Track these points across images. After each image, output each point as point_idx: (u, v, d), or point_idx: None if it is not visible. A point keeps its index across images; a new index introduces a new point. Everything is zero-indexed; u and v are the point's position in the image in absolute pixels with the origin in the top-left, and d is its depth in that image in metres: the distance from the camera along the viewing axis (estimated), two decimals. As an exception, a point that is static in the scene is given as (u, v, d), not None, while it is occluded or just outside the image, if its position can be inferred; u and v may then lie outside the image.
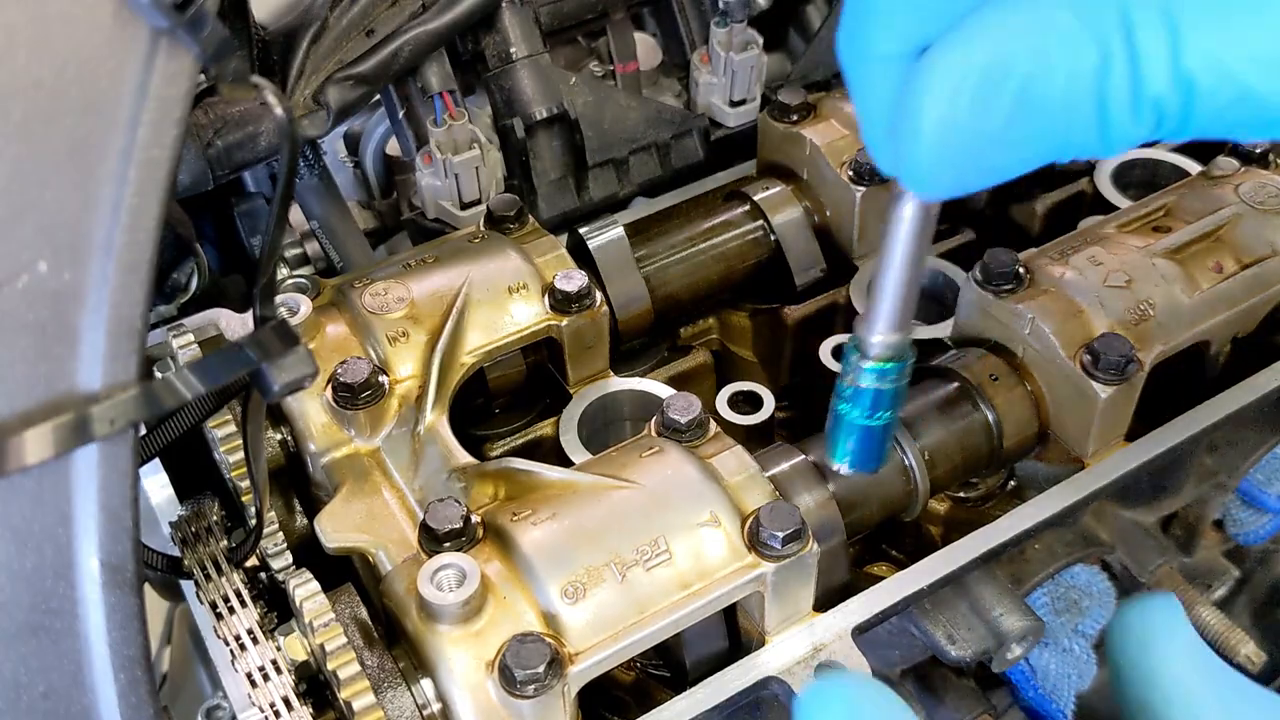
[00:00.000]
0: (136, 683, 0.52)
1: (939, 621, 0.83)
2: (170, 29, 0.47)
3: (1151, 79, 0.42)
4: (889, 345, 0.57)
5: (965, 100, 0.44)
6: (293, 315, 0.88)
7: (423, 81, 1.12)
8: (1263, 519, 1.06)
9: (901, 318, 0.56)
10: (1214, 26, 0.41)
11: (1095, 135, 0.44)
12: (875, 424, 0.58)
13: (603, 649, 0.68)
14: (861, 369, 0.57)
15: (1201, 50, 0.41)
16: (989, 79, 0.44)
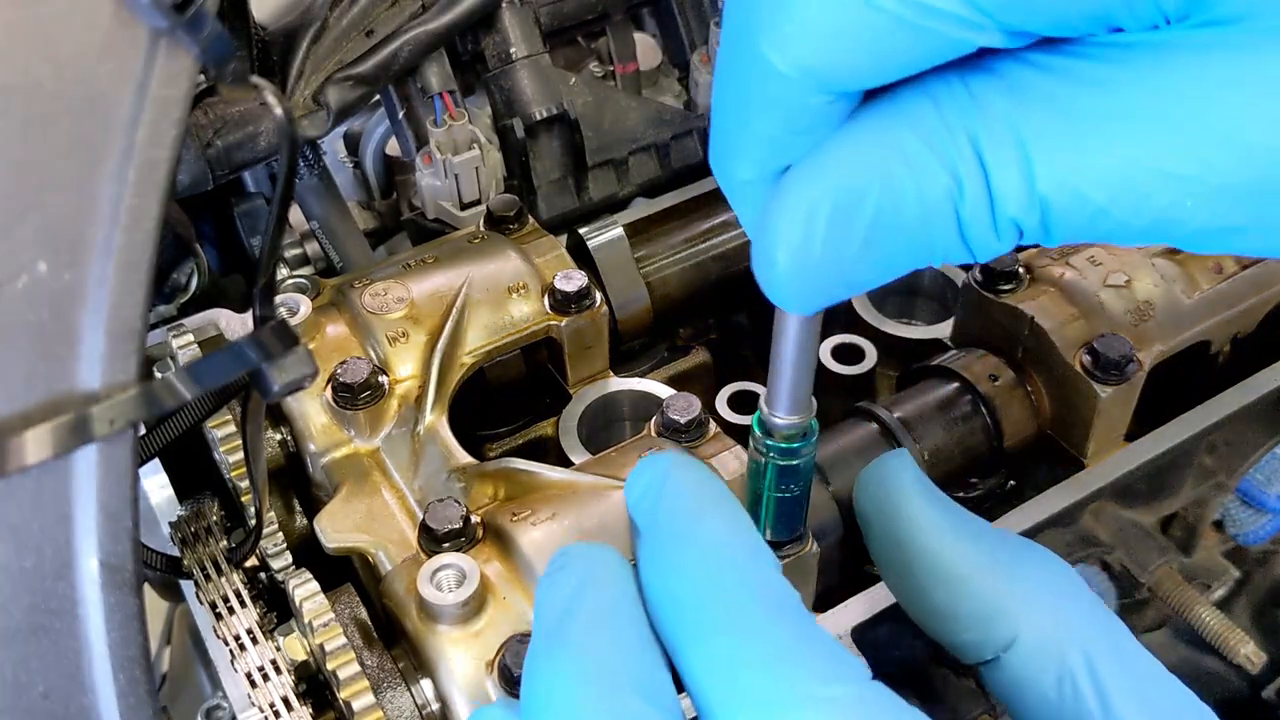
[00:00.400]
0: (136, 683, 0.52)
1: (939, 621, 0.83)
2: (170, 29, 0.47)
3: (1006, 202, 0.42)
4: (792, 425, 0.59)
5: (819, 229, 0.44)
6: (292, 315, 0.88)
7: (423, 82, 1.12)
8: (1262, 519, 1.06)
9: (801, 400, 0.58)
10: (1065, 151, 0.41)
11: (958, 249, 0.45)
12: (788, 495, 0.60)
13: (602, 649, 0.68)
14: (768, 445, 0.59)
15: (1053, 176, 0.41)
16: (841, 208, 0.44)
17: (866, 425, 0.89)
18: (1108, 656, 0.55)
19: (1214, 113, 0.39)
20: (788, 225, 0.45)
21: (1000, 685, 0.58)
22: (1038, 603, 0.57)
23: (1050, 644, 0.56)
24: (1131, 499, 0.97)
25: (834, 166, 0.44)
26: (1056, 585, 0.58)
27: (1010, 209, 0.42)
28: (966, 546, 0.59)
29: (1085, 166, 0.41)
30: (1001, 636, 0.57)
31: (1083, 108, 0.41)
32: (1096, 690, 0.54)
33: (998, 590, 0.58)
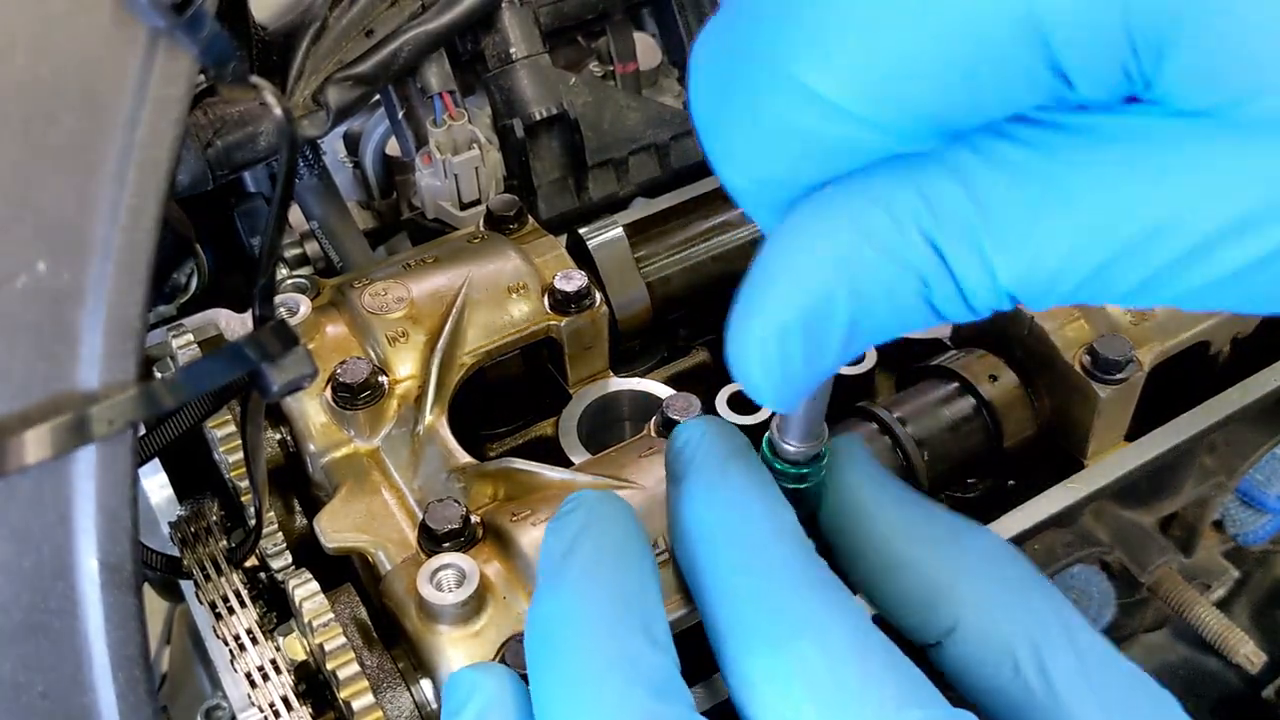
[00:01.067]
0: (135, 682, 0.52)
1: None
2: (168, 29, 0.48)
3: (976, 295, 0.43)
4: (802, 452, 0.59)
5: (795, 349, 0.45)
6: (292, 315, 0.88)
7: (422, 82, 1.12)
8: (1262, 519, 1.06)
9: (814, 429, 0.59)
10: (1016, 246, 0.42)
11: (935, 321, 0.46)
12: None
13: (602, 649, 0.68)
14: (777, 469, 0.59)
15: (1012, 272, 0.42)
16: (812, 325, 0.45)
17: (866, 425, 0.89)
18: (1052, 638, 0.55)
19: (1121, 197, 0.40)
20: (759, 353, 0.46)
21: (949, 669, 0.59)
22: (978, 588, 0.58)
23: (991, 629, 0.56)
24: (1131, 499, 0.97)
25: (795, 285, 0.45)
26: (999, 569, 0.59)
27: (982, 300, 0.44)
28: (909, 533, 0.60)
29: (1037, 259, 0.42)
30: (942, 621, 0.58)
31: (1024, 198, 0.42)
32: (1040, 671, 0.54)
33: (938, 577, 0.58)
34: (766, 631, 0.51)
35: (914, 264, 0.43)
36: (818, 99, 0.40)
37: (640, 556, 0.56)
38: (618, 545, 0.55)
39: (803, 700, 0.49)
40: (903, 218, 0.43)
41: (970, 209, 0.42)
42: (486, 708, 0.54)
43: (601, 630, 0.51)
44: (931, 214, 0.43)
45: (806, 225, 0.45)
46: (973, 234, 0.42)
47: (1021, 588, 0.58)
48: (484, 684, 0.55)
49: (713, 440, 0.60)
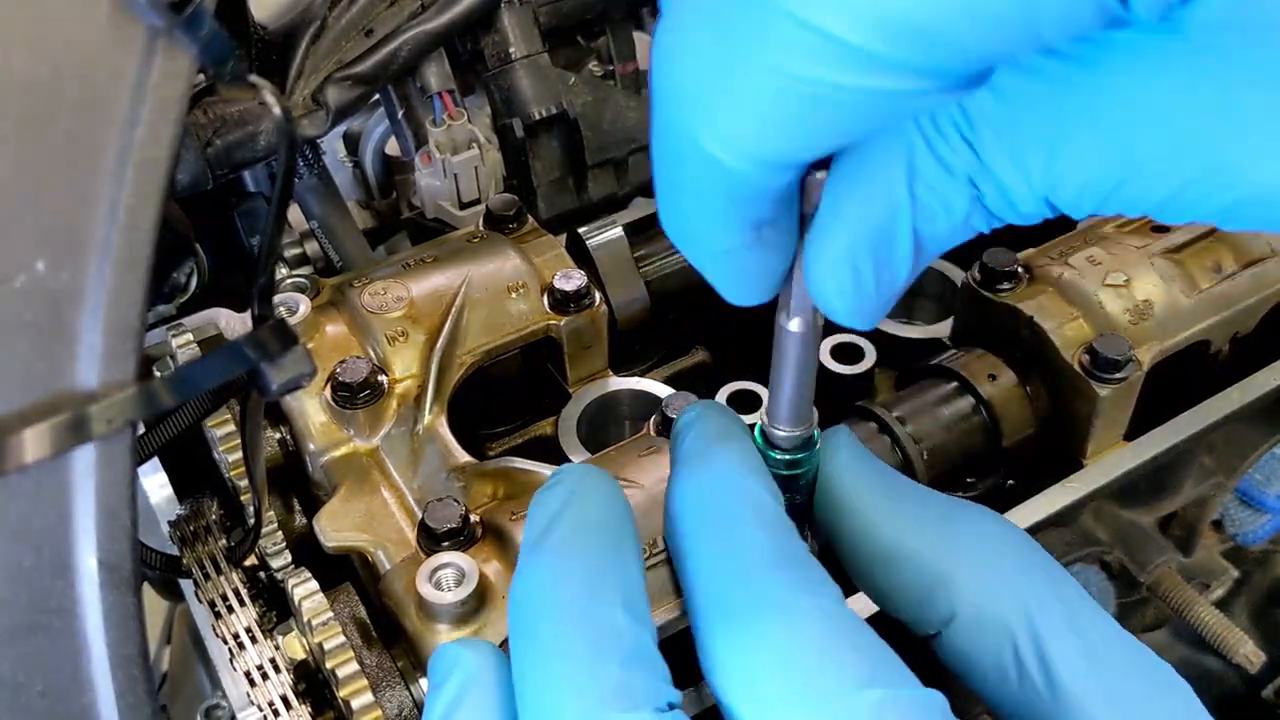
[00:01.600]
0: (135, 682, 0.52)
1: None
2: (167, 28, 0.48)
3: (1019, 198, 0.43)
4: (793, 436, 0.59)
5: (867, 270, 0.46)
6: (292, 315, 0.88)
7: (422, 81, 1.12)
8: (1262, 519, 1.06)
9: (803, 412, 0.59)
10: (1046, 154, 0.42)
11: (997, 224, 0.46)
12: (791, 504, 0.61)
13: (601, 648, 0.68)
14: (770, 457, 0.59)
15: (1045, 179, 0.42)
16: (880, 243, 0.45)
17: (866, 424, 0.89)
18: (1052, 620, 0.54)
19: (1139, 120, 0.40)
20: (833, 275, 0.46)
21: (950, 659, 0.58)
22: (974, 575, 0.57)
23: (988, 615, 0.56)
24: (1131, 499, 0.97)
25: (859, 205, 0.45)
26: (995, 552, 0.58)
27: (1025, 203, 0.44)
28: (900, 523, 0.59)
29: (1067, 168, 0.42)
30: (940, 611, 0.57)
31: (1054, 107, 0.41)
32: (1040, 659, 0.54)
33: (932, 566, 0.57)
34: (732, 608, 0.50)
35: (961, 169, 0.43)
36: (831, 41, 0.36)
37: (620, 527, 0.56)
38: (599, 517, 0.55)
39: (763, 676, 0.48)
40: (945, 125, 0.42)
41: (1004, 115, 0.42)
42: (468, 681, 0.54)
43: (576, 601, 0.51)
44: (969, 121, 0.42)
45: (858, 157, 0.44)
46: (1007, 139, 0.42)
47: (1019, 569, 0.57)
48: (466, 658, 0.55)
49: (703, 424, 0.60)
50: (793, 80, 0.38)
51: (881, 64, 0.37)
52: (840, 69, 0.37)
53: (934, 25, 0.36)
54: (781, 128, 0.40)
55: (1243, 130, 0.38)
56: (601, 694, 0.48)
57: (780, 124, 0.39)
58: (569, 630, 0.50)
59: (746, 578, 0.51)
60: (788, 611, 0.49)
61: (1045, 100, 0.41)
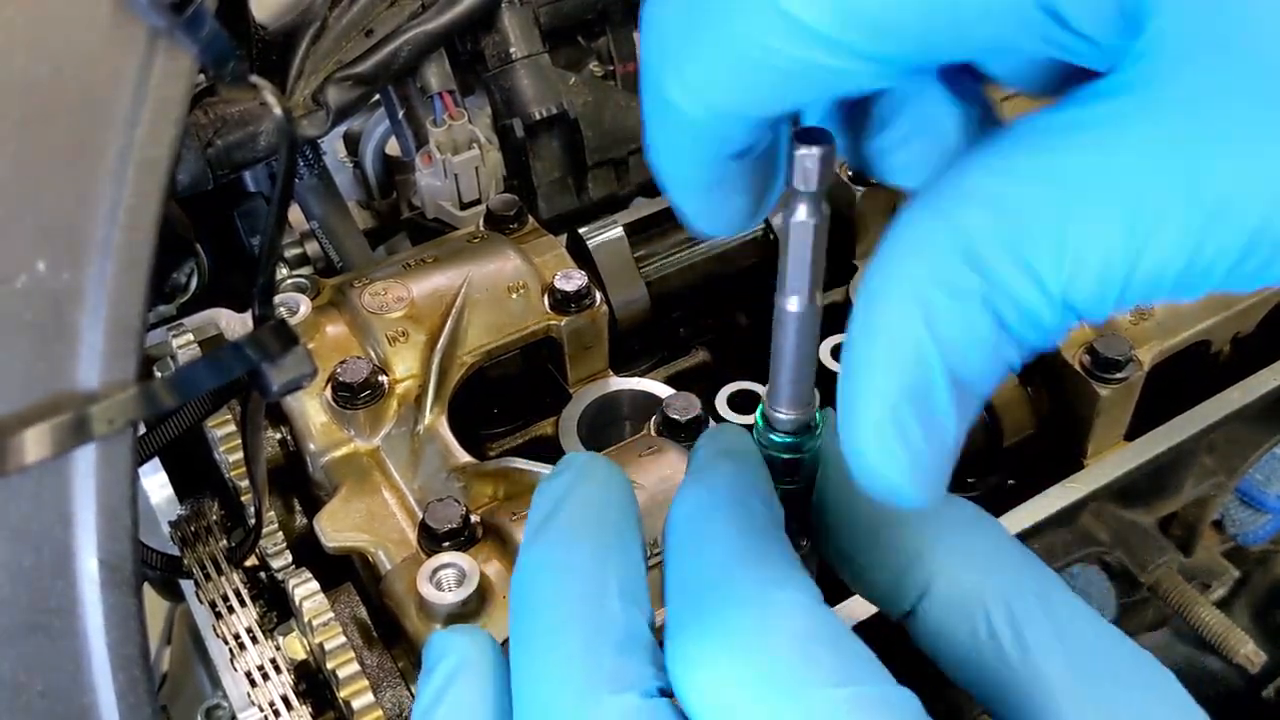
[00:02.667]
0: (135, 682, 0.52)
1: (938, 621, 0.82)
2: (168, 29, 0.48)
3: (1039, 312, 0.42)
4: (793, 420, 0.58)
5: (913, 427, 0.43)
6: (292, 315, 0.88)
7: (422, 81, 1.12)
8: (1262, 519, 1.06)
9: (803, 395, 0.58)
10: (1052, 252, 0.40)
11: (1030, 352, 0.44)
12: (792, 489, 0.60)
13: (602, 648, 0.68)
14: (771, 440, 0.59)
15: (1059, 280, 0.41)
16: (919, 398, 0.43)
17: (866, 425, 0.89)
18: (1027, 600, 0.54)
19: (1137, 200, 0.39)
20: (879, 445, 0.43)
21: (923, 638, 0.58)
22: (951, 550, 0.56)
23: (965, 590, 0.55)
24: (1131, 499, 0.97)
25: (884, 364, 0.43)
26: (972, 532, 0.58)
27: (1047, 317, 0.42)
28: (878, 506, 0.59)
29: (1077, 261, 0.40)
30: (915, 585, 0.56)
31: (1046, 202, 0.40)
32: (1014, 633, 0.53)
33: (909, 540, 0.57)
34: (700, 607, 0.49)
35: (976, 294, 0.41)
36: (794, 22, 0.40)
37: (622, 513, 0.55)
38: (601, 503, 0.55)
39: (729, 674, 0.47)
40: (946, 255, 0.41)
41: (1000, 225, 0.41)
42: (460, 666, 0.54)
43: (574, 587, 0.51)
44: (969, 241, 0.41)
45: (870, 307, 0.43)
46: (1011, 249, 0.41)
47: (996, 552, 0.56)
48: (458, 644, 0.55)
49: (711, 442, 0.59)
50: (752, 46, 0.41)
51: (833, 45, 0.40)
52: (795, 44, 0.40)
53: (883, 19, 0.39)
54: (737, 85, 0.43)
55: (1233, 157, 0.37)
56: (592, 678, 0.48)
57: (736, 82, 0.43)
58: (565, 615, 0.50)
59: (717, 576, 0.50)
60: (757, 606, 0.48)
61: (1037, 196, 0.40)
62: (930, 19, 0.39)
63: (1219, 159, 0.37)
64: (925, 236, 0.42)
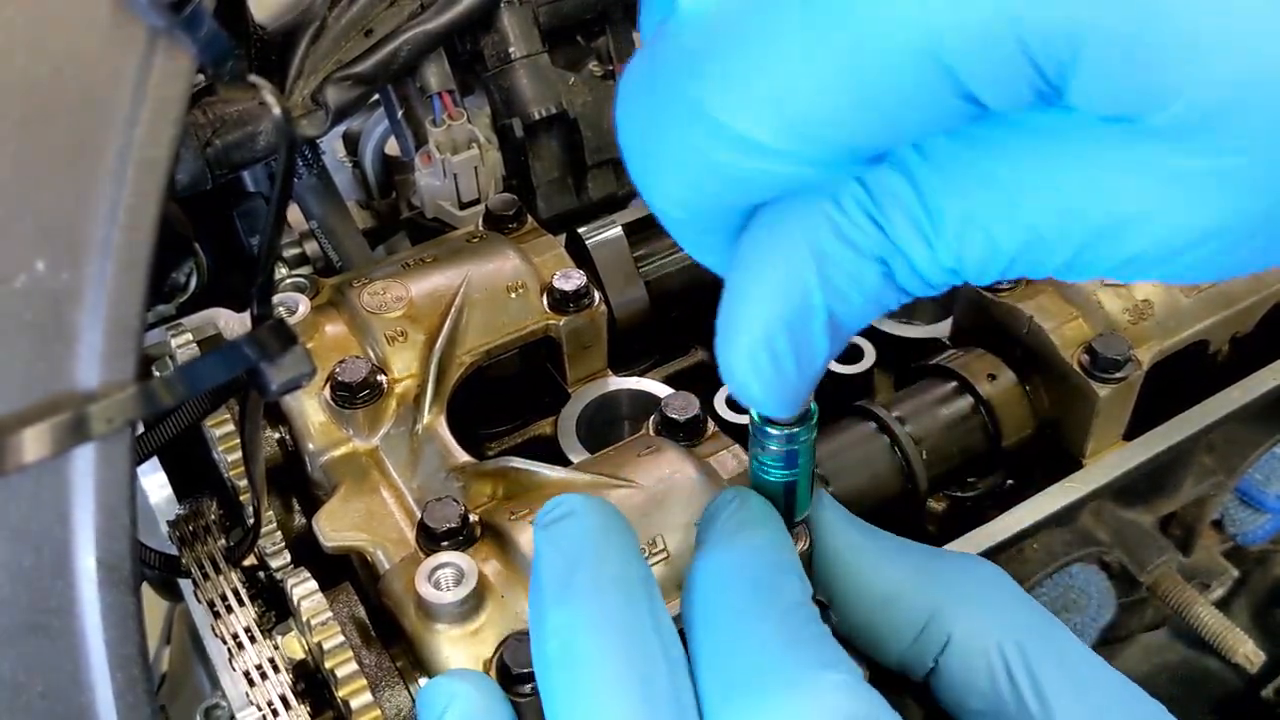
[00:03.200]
0: (134, 681, 0.52)
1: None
2: (167, 28, 0.48)
3: (928, 272, 0.46)
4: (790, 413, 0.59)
5: (784, 352, 0.47)
6: (291, 314, 0.88)
7: (421, 81, 1.12)
8: (1262, 519, 1.06)
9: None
10: (947, 229, 0.45)
11: (907, 299, 0.48)
12: (788, 480, 0.61)
13: (601, 648, 0.68)
14: (767, 431, 0.59)
15: (950, 252, 0.45)
16: (795, 326, 0.47)
17: (865, 424, 0.89)
18: (1041, 649, 0.56)
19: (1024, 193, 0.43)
20: (750, 363, 0.48)
21: (945, 692, 0.59)
22: (967, 602, 0.58)
23: (983, 639, 0.57)
24: (1131, 498, 0.97)
25: (769, 291, 0.47)
26: (986, 585, 0.60)
27: (934, 276, 0.46)
28: (892, 568, 0.61)
29: (967, 241, 0.44)
30: (935, 641, 0.58)
31: (950, 184, 0.44)
32: (1032, 683, 0.55)
33: (927, 598, 0.59)
34: (744, 683, 0.51)
35: (869, 248, 0.46)
36: (735, 135, 0.42)
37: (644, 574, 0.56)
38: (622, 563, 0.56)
39: None
40: (850, 207, 0.45)
41: (909, 193, 0.45)
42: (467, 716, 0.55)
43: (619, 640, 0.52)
44: (874, 201, 0.45)
45: (764, 237, 0.47)
46: (912, 217, 0.45)
47: (1007, 602, 0.59)
48: (462, 691, 0.55)
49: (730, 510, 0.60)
50: (705, 158, 0.44)
51: (776, 154, 0.42)
52: (744, 155, 0.43)
53: (818, 128, 0.41)
54: (697, 190, 0.46)
55: (1116, 196, 0.41)
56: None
57: (695, 187, 0.45)
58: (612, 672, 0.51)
59: (763, 658, 0.51)
60: (809, 689, 0.49)
61: (945, 178, 0.44)
62: (860, 122, 0.41)
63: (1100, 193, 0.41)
64: (833, 188, 0.46)
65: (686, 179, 0.45)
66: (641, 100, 0.46)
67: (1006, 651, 0.56)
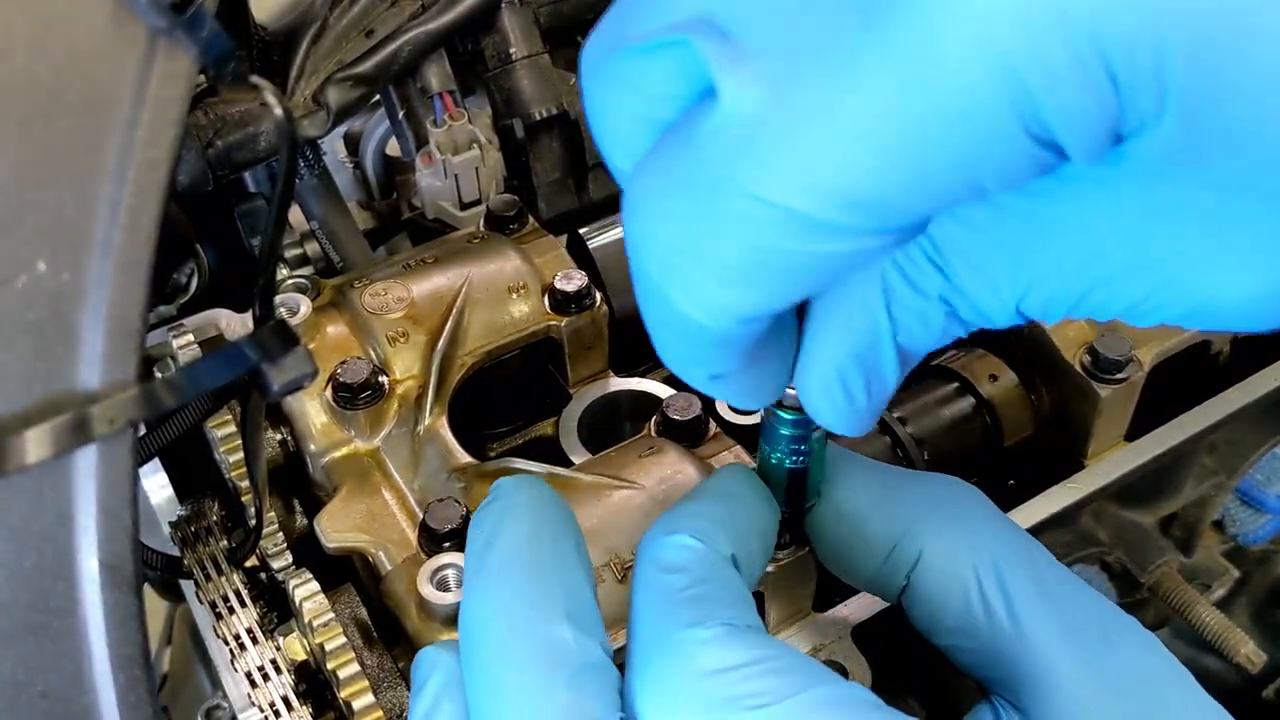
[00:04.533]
0: (136, 682, 0.52)
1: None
2: (168, 29, 0.48)
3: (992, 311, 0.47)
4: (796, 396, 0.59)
5: (856, 382, 0.49)
6: (292, 315, 0.88)
7: (422, 82, 1.12)
8: (1262, 519, 1.06)
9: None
10: (1011, 276, 0.45)
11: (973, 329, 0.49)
12: (798, 467, 0.61)
13: (602, 649, 0.68)
14: (779, 416, 0.59)
15: (1013, 295, 0.46)
16: (865, 359, 0.48)
17: (866, 425, 0.89)
18: (1016, 568, 0.56)
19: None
20: (825, 392, 0.49)
21: (918, 610, 0.59)
22: (939, 520, 0.58)
23: (955, 556, 0.57)
24: (1131, 499, 0.97)
25: (842, 328, 0.48)
26: (960, 503, 0.60)
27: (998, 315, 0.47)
28: (863, 488, 0.61)
29: (1031, 287, 0.45)
30: (907, 557, 0.58)
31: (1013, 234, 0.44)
32: (1005, 602, 0.55)
33: (899, 518, 0.59)
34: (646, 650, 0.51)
35: (934, 291, 0.46)
36: (788, 213, 0.39)
37: (557, 537, 0.56)
38: (532, 530, 0.55)
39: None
40: (914, 252, 0.45)
41: (970, 241, 0.44)
42: (447, 684, 0.54)
43: (519, 621, 0.52)
44: (936, 248, 0.45)
45: (840, 285, 0.47)
46: (974, 263, 0.45)
47: (984, 520, 0.59)
48: (444, 661, 0.55)
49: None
50: (755, 248, 0.40)
51: (837, 230, 0.39)
52: (798, 237, 0.39)
53: (884, 194, 0.38)
54: (746, 289, 0.42)
55: (1184, 250, 0.40)
56: (551, 715, 0.49)
57: (745, 286, 0.42)
58: (515, 652, 0.51)
59: (656, 621, 0.52)
60: (685, 649, 0.50)
61: (1006, 227, 0.44)
62: (939, 184, 0.38)
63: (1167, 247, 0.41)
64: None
65: (725, 274, 0.41)
66: (678, 199, 0.42)
67: (980, 569, 0.56)
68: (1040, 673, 0.53)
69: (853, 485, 0.61)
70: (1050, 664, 0.53)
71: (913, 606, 0.59)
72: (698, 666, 0.49)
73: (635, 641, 0.52)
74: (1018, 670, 0.54)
